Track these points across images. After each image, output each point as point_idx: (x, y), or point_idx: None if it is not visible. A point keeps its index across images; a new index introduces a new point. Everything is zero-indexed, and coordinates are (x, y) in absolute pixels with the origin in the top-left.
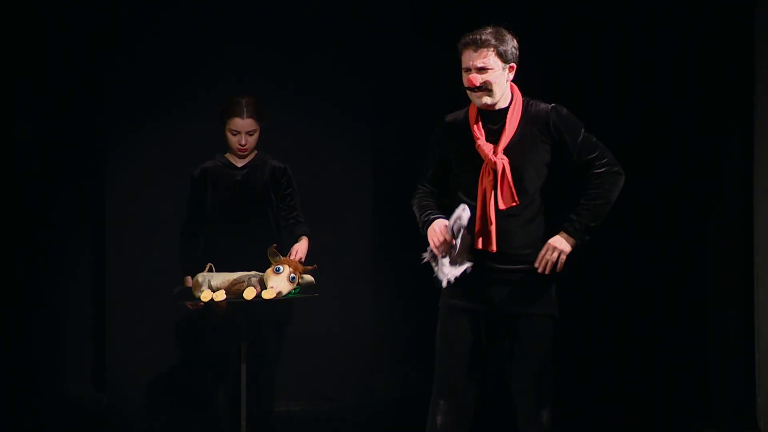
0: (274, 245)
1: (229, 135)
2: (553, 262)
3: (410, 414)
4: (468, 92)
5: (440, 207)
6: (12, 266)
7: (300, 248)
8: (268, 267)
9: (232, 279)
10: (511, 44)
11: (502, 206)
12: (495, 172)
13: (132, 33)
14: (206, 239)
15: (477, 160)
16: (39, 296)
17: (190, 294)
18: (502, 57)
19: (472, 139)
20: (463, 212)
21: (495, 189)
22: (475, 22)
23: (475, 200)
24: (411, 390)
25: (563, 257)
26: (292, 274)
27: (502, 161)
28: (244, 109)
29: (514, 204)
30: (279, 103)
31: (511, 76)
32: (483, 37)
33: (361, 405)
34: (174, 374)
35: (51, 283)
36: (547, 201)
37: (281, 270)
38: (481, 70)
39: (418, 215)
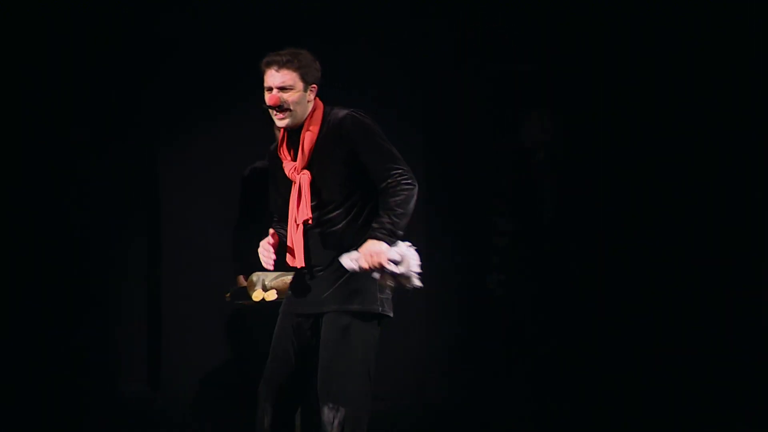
0: None
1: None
2: (376, 266)
3: (460, 414)
4: (270, 111)
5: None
6: (67, 265)
7: None
8: None
9: (285, 279)
10: (313, 66)
11: (298, 221)
12: (299, 189)
13: (186, 33)
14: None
15: (289, 181)
16: (94, 295)
17: (246, 293)
18: (304, 78)
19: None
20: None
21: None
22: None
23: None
24: (462, 390)
25: (383, 258)
26: None
27: (300, 178)
28: None
29: (308, 219)
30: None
31: (313, 96)
32: (285, 58)
33: (412, 405)
34: (228, 373)
35: (106, 282)
36: (370, 207)
37: None
38: (282, 89)
39: None
